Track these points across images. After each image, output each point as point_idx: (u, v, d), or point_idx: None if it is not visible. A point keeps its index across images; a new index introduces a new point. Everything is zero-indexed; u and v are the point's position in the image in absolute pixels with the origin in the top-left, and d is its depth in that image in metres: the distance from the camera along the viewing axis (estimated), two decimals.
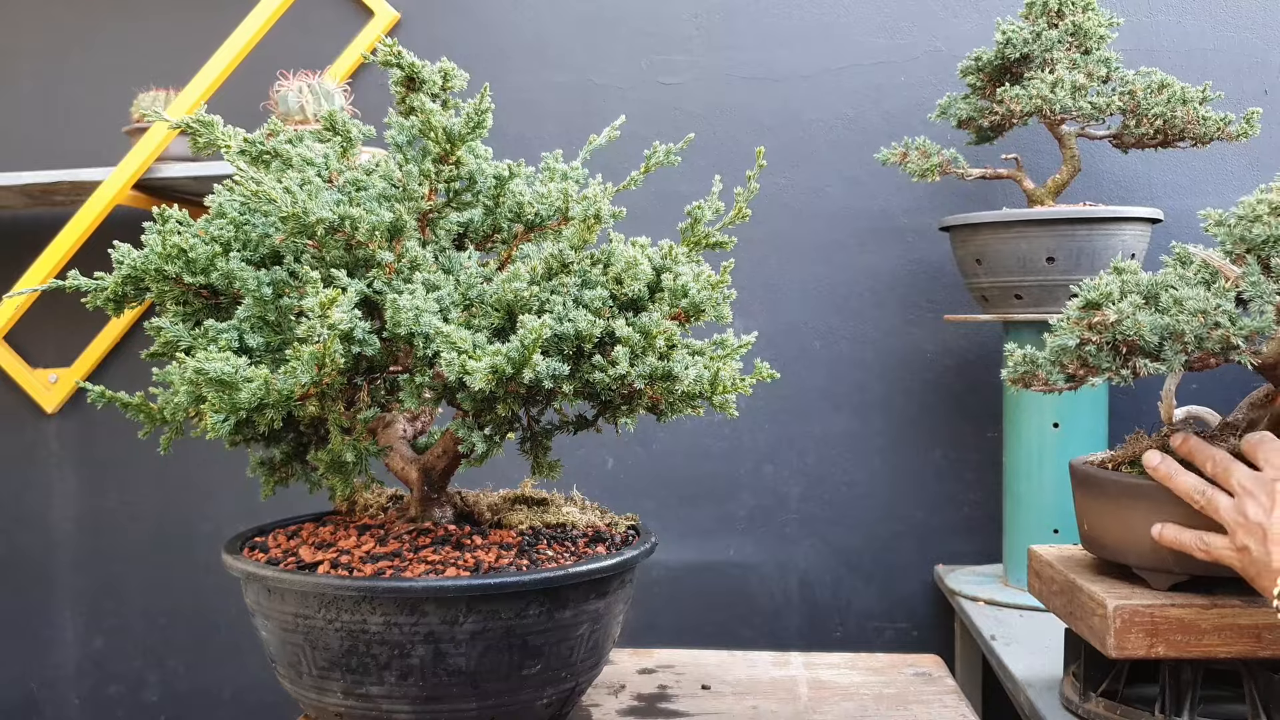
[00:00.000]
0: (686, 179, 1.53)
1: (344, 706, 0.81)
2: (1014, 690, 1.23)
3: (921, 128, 1.76)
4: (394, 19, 1.94)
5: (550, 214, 0.87)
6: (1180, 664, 0.95)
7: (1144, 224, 1.54)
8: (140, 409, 0.89)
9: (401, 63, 0.87)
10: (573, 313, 0.77)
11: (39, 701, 2.08)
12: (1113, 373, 0.90)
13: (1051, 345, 0.94)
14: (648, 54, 1.91)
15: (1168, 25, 1.79)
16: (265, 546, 0.90)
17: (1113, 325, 0.88)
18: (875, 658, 1.18)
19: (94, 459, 2.05)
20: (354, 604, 0.78)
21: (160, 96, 1.81)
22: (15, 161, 1.93)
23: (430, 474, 0.91)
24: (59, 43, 2.06)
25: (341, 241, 0.81)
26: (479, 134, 0.86)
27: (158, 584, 2.04)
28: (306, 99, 1.67)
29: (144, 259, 0.84)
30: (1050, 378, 0.94)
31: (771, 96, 1.88)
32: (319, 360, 0.74)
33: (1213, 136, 1.50)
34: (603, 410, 0.85)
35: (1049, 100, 1.48)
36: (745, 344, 0.84)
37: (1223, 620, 0.91)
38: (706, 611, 1.87)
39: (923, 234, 1.83)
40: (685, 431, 1.84)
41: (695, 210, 0.88)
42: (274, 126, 0.93)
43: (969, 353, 1.83)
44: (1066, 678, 1.10)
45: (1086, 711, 1.02)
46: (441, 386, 0.80)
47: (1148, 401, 1.70)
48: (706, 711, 1.01)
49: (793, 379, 1.85)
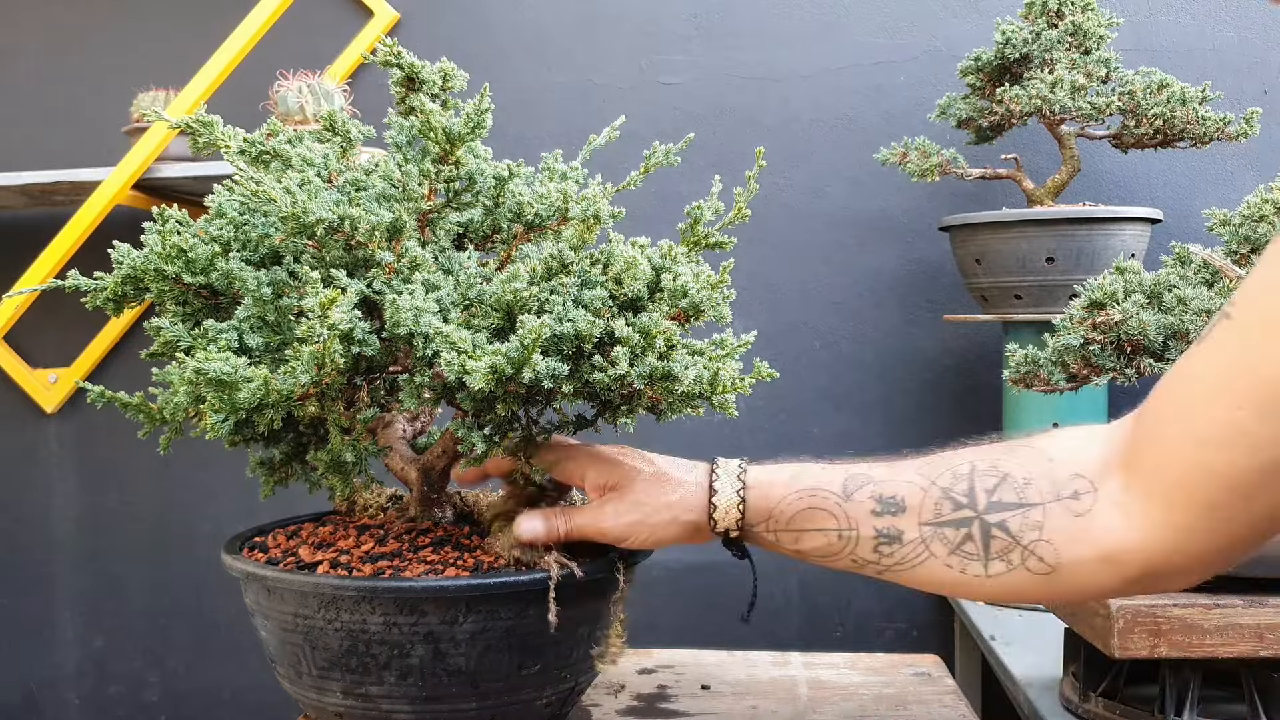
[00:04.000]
0: (686, 179, 1.53)
1: (344, 706, 0.81)
2: (1014, 690, 1.23)
3: (921, 128, 1.76)
4: (394, 19, 1.94)
5: (550, 214, 0.87)
6: (1180, 664, 0.95)
7: (1144, 224, 1.54)
8: (140, 409, 0.88)
9: (401, 63, 0.87)
10: (572, 313, 0.77)
11: (39, 701, 2.08)
12: (1117, 372, 0.90)
13: (1055, 345, 0.94)
14: (648, 54, 1.91)
15: (1168, 25, 1.79)
16: (265, 546, 0.90)
17: (1117, 325, 0.88)
18: (875, 658, 1.18)
19: (94, 459, 2.05)
20: (354, 604, 0.78)
21: (160, 96, 1.81)
22: (15, 161, 1.93)
23: (430, 474, 0.91)
24: (59, 43, 2.06)
25: (341, 242, 0.81)
26: (479, 134, 0.86)
27: (158, 584, 2.04)
28: (306, 99, 1.67)
29: (144, 259, 0.84)
30: (1052, 378, 0.94)
31: (771, 96, 1.87)
32: (319, 360, 0.74)
33: (1212, 136, 1.50)
34: (602, 410, 0.85)
35: (1049, 100, 1.48)
36: (745, 344, 0.84)
37: (1225, 620, 0.91)
38: (706, 611, 1.87)
39: (923, 234, 1.83)
40: (685, 432, 1.84)
41: (695, 210, 0.88)
42: (274, 127, 0.93)
43: (969, 353, 1.83)
44: (1066, 678, 1.10)
45: (1086, 711, 1.02)
46: (441, 386, 0.80)
47: None
48: (706, 711, 1.00)
49: (793, 379, 1.85)
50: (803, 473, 0.75)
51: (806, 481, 0.74)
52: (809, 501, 0.73)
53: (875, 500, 0.70)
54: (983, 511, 0.67)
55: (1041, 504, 0.66)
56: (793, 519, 0.74)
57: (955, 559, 0.68)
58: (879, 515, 0.70)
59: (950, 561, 0.68)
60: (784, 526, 0.74)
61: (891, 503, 0.70)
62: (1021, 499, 0.66)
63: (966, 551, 0.68)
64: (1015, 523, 0.66)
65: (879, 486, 0.71)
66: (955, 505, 0.68)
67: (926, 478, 0.70)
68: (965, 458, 0.70)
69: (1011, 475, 0.67)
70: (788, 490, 0.74)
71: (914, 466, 0.71)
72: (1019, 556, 0.66)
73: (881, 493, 0.70)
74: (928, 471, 0.70)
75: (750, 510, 0.75)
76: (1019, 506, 0.66)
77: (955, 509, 0.68)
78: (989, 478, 0.68)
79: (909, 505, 0.69)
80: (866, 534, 0.71)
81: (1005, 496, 0.67)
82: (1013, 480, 0.67)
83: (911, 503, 0.69)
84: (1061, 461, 0.67)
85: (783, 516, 0.74)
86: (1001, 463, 0.68)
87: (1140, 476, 0.63)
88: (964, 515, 0.67)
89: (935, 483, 0.69)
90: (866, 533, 0.71)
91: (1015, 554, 0.66)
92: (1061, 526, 0.65)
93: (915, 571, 0.70)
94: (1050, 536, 0.65)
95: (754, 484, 0.75)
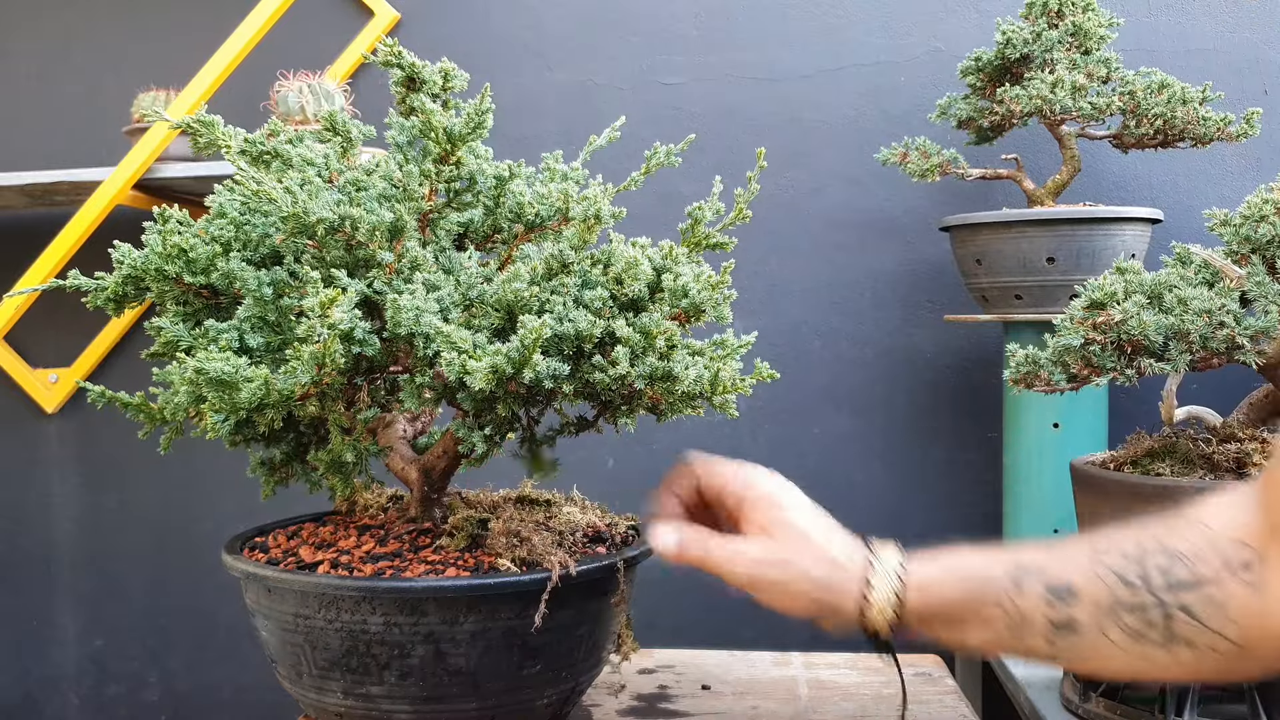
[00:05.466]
0: (687, 179, 1.53)
1: (344, 706, 0.81)
2: (1014, 690, 1.23)
3: (921, 128, 1.76)
4: (394, 19, 1.94)
5: (550, 214, 0.87)
6: None
7: (1144, 224, 1.54)
8: (140, 409, 0.88)
9: (402, 63, 0.87)
10: (573, 313, 0.77)
11: (39, 701, 2.08)
12: (1117, 373, 0.90)
13: (1055, 345, 0.94)
14: (648, 54, 1.91)
15: (1168, 25, 1.78)
16: (265, 546, 0.90)
17: (1118, 325, 0.88)
18: (875, 658, 1.18)
19: (94, 459, 2.05)
20: (354, 604, 0.78)
21: (160, 96, 1.81)
22: (15, 161, 1.93)
23: (430, 474, 0.91)
24: (59, 43, 2.06)
25: (342, 241, 0.81)
26: (479, 134, 0.86)
27: (158, 584, 2.04)
28: (307, 99, 1.67)
29: (144, 259, 0.84)
30: (1053, 378, 0.94)
31: (771, 96, 1.87)
32: (319, 360, 0.74)
33: (1213, 136, 1.50)
34: (603, 410, 0.85)
35: (1049, 100, 1.48)
36: (745, 344, 0.84)
37: None
38: (706, 611, 1.87)
39: (923, 234, 1.83)
40: (685, 432, 1.84)
41: (696, 211, 0.88)
42: (274, 127, 0.93)
43: (969, 353, 1.83)
44: (1066, 678, 1.10)
45: (1086, 712, 1.02)
46: (441, 386, 0.80)
47: (1149, 401, 1.70)
48: (706, 711, 1.00)
49: (793, 379, 1.85)
50: (965, 565, 0.71)
51: (970, 574, 0.70)
52: (978, 595, 0.69)
53: (1047, 590, 0.68)
54: (1160, 592, 0.65)
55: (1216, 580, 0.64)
56: (957, 614, 0.70)
57: (1135, 645, 0.66)
58: (1052, 605, 0.67)
59: (1129, 648, 0.66)
60: (944, 620, 0.71)
61: (1064, 590, 0.67)
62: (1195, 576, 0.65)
63: (1149, 638, 0.66)
64: (1196, 602, 0.64)
65: (1048, 575, 0.68)
66: (1131, 589, 0.66)
67: (1098, 562, 0.67)
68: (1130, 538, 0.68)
69: (1181, 552, 0.66)
70: (951, 585, 0.70)
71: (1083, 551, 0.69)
72: (1206, 639, 0.64)
73: (1052, 582, 0.68)
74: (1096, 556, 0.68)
75: (908, 613, 0.71)
76: (1195, 585, 0.65)
77: (1131, 592, 0.66)
78: (1160, 556, 0.66)
79: (1082, 593, 0.67)
80: (1039, 626, 0.68)
81: (1179, 574, 0.65)
82: (1184, 558, 0.65)
83: (1085, 590, 0.67)
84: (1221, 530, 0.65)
85: (944, 613, 0.71)
86: (1167, 540, 0.66)
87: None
88: (1141, 600, 0.65)
89: (1109, 567, 0.67)
90: (1039, 625, 0.68)
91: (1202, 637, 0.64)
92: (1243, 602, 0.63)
93: (1091, 661, 0.68)
94: (1235, 615, 0.63)
95: (914, 583, 0.71)
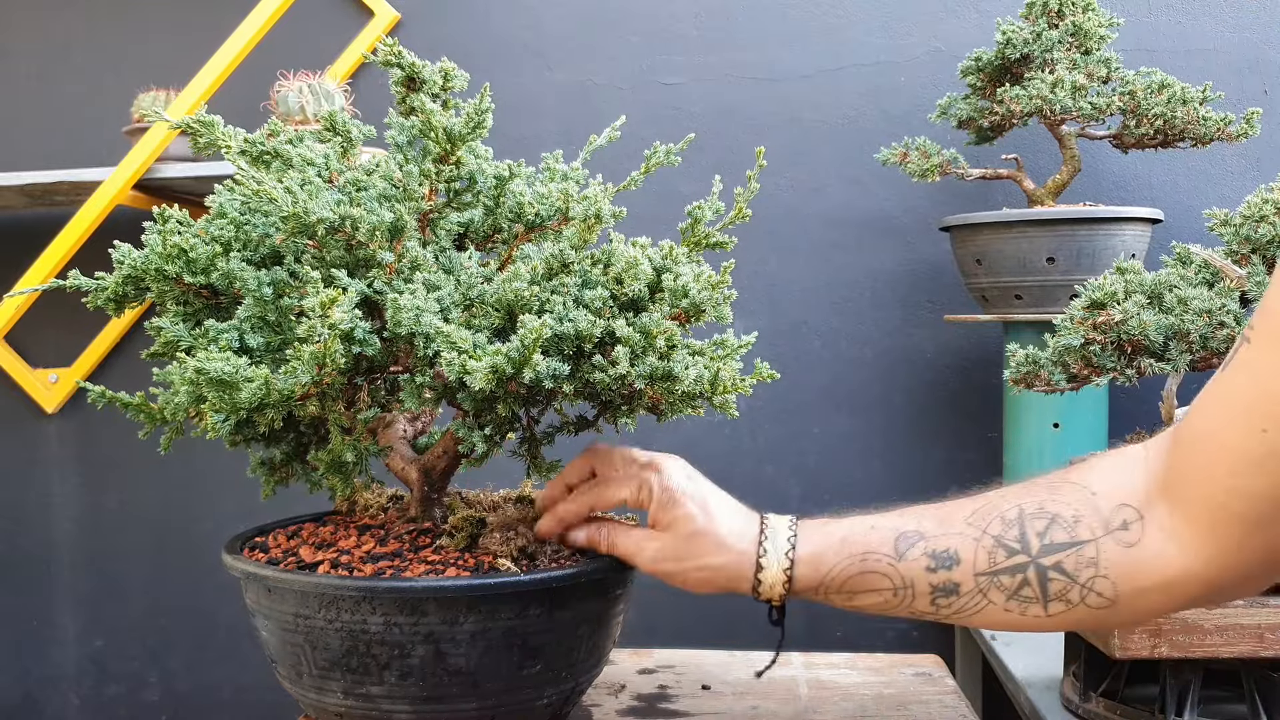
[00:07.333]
0: (687, 179, 1.53)
1: (344, 706, 0.81)
2: (1014, 690, 1.23)
3: (922, 128, 1.76)
4: (394, 19, 1.94)
5: (550, 214, 0.87)
6: (1181, 664, 0.95)
7: (1144, 224, 1.54)
8: (140, 409, 0.88)
9: (402, 63, 0.87)
10: (573, 313, 0.77)
11: (39, 701, 2.08)
12: (1117, 373, 0.90)
13: (1055, 345, 0.94)
14: (647, 54, 1.91)
15: (1168, 25, 1.79)
16: (265, 546, 0.90)
17: (1118, 325, 0.88)
18: (875, 658, 1.18)
19: (94, 459, 2.05)
20: (354, 604, 0.78)
21: (160, 96, 1.81)
22: (15, 161, 1.93)
23: (430, 474, 0.91)
24: (59, 43, 2.06)
25: (342, 241, 0.81)
26: (479, 134, 0.86)
27: (158, 584, 2.04)
28: (307, 99, 1.67)
29: (144, 259, 0.84)
30: (1053, 378, 0.94)
31: (771, 96, 1.87)
32: (319, 360, 0.74)
33: (1213, 136, 1.50)
34: (603, 410, 0.85)
35: (1049, 100, 1.48)
36: (745, 344, 0.84)
37: (1226, 620, 0.91)
38: (706, 611, 1.87)
39: (923, 234, 1.83)
40: (685, 432, 1.84)
41: (696, 210, 0.88)
42: (274, 127, 0.93)
43: (969, 353, 1.83)
44: (1066, 678, 1.10)
45: (1087, 711, 1.02)
46: (442, 386, 0.80)
47: (1148, 402, 1.70)
48: (706, 711, 1.00)
49: (793, 379, 1.85)
50: (852, 536, 0.75)
51: (857, 546, 0.75)
52: (861, 566, 0.74)
53: (929, 557, 0.72)
54: (1036, 555, 0.69)
55: (1093, 540, 0.67)
56: (845, 584, 0.75)
57: (1014, 604, 0.70)
58: (934, 571, 0.72)
59: (1009, 606, 0.70)
60: (835, 590, 0.76)
61: (945, 557, 0.72)
62: (1073, 537, 0.68)
63: (1025, 595, 0.69)
64: (1071, 563, 0.68)
65: (931, 543, 0.72)
66: (1009, 552, 0.70)
67: (977, 527, 0.71)
68: (1012, 501, 0.72)
69: (1060, 515, 0.69)
70: (839, 557, 0.75)
71: (963, 517, 0.73)
72: (1078, 595, 0.68)
73: (934, 549, 0.72)
74: (977, 521, 0.72)
75: (797, 583, 0.76)
76: (1072, 545, 0.68)
77: (1009, 556, 0.70)
78: (1038, 520, 0.69)
79: (963, 558, 0.71)
80: (923, 590, 0.72)
81: (1057, 537, 0.68)
82: (1062, 520, 0.69)
83: (965, 555, 0.71)
84: (1105, 494, 0.68)
85: (834, 583, 0.75)
86: (1048, 503, 0.70)
87: (1184, 502, 0.65)
88: (1018, 561, 0.69)
89: (986, 531, 0.71)
90: (922, 589, 0.72)
91: (1074, 593, 0.68)
92: (1116, 560, 0.67)
93: (975, 617, 0.72)
94: (1107, 572, 0.67)
95: (803, 557, 0.76)
